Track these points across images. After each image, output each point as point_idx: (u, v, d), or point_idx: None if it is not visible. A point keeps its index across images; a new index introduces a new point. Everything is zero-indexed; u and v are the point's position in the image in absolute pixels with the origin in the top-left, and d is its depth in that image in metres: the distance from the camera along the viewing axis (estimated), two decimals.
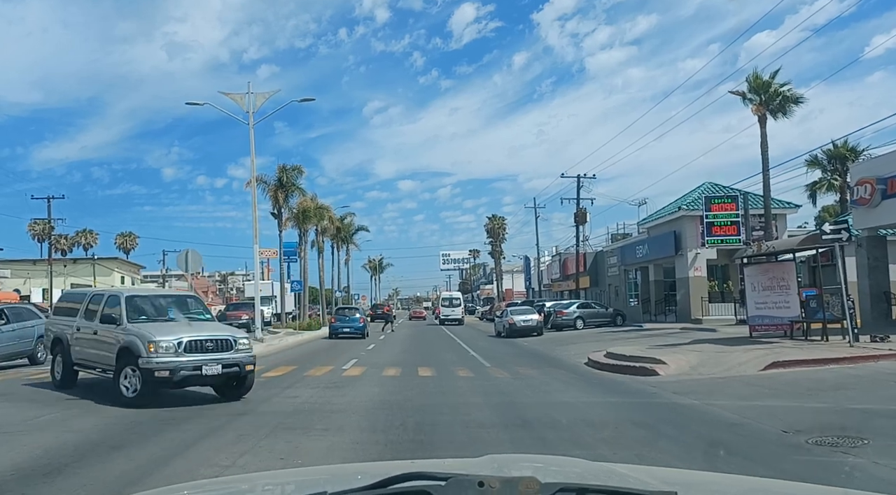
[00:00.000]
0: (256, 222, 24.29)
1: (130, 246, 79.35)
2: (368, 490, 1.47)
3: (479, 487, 1.37)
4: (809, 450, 6.89)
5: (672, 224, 33.70)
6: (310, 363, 18.11)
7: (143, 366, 9.98)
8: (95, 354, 11.29)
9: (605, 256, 46.63)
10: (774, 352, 14.50)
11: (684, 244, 32.66)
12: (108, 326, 10.98)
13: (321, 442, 7.60)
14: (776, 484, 2.17)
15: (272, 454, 6.97)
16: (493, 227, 78.07)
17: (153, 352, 9.99)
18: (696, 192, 33.90)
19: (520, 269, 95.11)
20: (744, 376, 12.83)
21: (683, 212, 32.26)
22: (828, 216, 51.53)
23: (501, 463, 2.01)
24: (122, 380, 10.19)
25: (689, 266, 32.47)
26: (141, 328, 10.56)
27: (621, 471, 2.05)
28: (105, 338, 11.06)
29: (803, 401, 10.11)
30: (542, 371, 15.64)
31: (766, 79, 27.47)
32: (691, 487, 1.82)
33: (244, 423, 8.81)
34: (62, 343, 12.16)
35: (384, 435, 7.94)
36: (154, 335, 10.22)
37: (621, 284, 43.07)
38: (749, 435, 7.85)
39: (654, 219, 36.35)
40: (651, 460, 6.46)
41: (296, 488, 1.91)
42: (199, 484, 2.78)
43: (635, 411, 9.95)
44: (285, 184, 39.01)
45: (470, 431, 8.27)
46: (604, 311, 34.46)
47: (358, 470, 2.54)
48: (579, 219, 44.75)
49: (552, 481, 1.44)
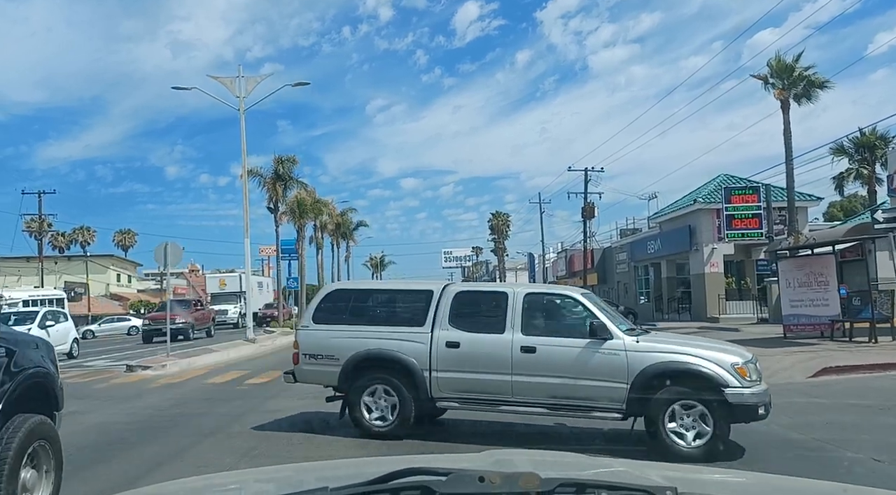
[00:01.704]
0: (247, 213, 22.70)
1: (129, 243, 77.98)
2: (369, 485, 1.45)
3: (480, 482, 1.37)
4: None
5: (687, 218, 32.05)
6: None
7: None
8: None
9: (614, 252, 45.00)
10: (821, 356, 12.91)
11: (700, 239, 31.02)
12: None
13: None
14: (775, 480, 2.13)
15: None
16: (497, 224, 76.72)
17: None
18: (711, 185, 32.26)
19: (523, 267, 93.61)
20: (793, 384, 11.23)
21: (699, 206, 30.61)
22: (838, 210, 49.88)
23: (502, 458, 1.99)
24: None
25: (704, 262, 30.83)
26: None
27: (622, 466, 2.06)
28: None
29: (877, 417, 8.53)
30: None
31: (789, 62, 25.86)
32: (691, 483, 1.79)
33: (207, 449, 7.24)
34: None
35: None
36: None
37: (631, 281, 41.45)
38: (834, 465, 6.27)
39: (667, 212, 34.66)
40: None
41: (298, 483, 1.85)
42: (204, 478, 2.53)
43: None
44: (282, 175, 37.51)
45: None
46: (614, 309, 32.69)
47: (359, 465, 2.60)
48: (587, 213, 43.12)
49: (552, 476, 1.44)
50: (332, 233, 57.87)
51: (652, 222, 38.68)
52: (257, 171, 37.50)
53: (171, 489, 2.06)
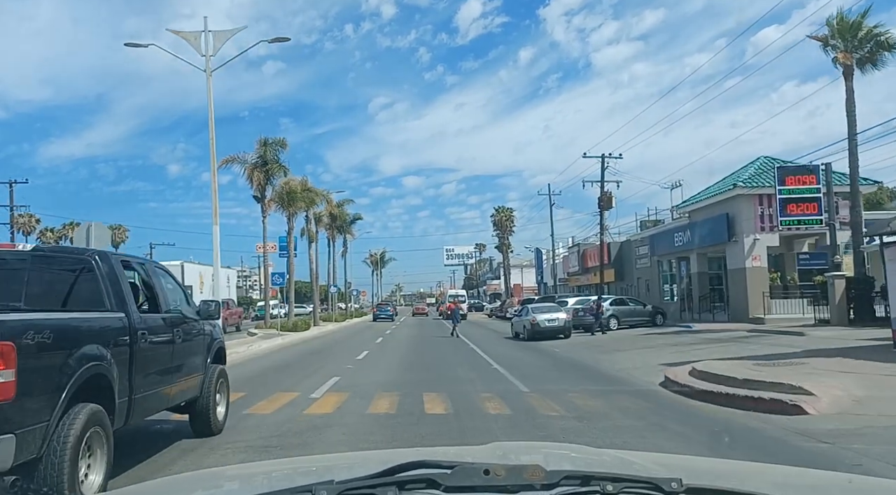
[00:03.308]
0: (216, 194, 18.83)
1: (120, 239, 75.38)
2: (375, 478, 1.44)
3: (485, 475, 1.37)
4: None
5: (724, 205, 28.31)
6: (271, 384, 12.90)
7: None
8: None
9: (633, 246, 41.27)
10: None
11: (739, 229, 27.32)
12: None
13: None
14: (779, 470, 2.09)
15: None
16: (501, 219, 72.96)
17: None
18: (752, 168, 28.56)
19: (529, 264, 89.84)
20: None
21: (739, 191, 26.89)
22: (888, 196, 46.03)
23: (507, 450, 2.00)
24: None
25: (746, 254, 27.13)
26: None
27: (626, 458, 2.07)
28: None
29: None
30: (607, 401, 10.36)
31: (856, 19, 22.14)
32: (696, 473, 1.77)
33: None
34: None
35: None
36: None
37: (653, 277, 37.72)
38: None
39: (700, 199, 30.83)
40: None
41: (303, 476, 1.89)
42: (207, 472, 2.53)
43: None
44: (268, 161, 33.79)
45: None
46: (641, 309, 28.97)
47: (364, 458, 2.65)
48: (605, 203, 39.28)
49: (557, 468, 1.45)
50: (329, 226, 54.18)
51: (678, 212, 34.91)
52: (238, 157, 33.83)
53: (179, 481, 2.15)
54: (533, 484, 1.37)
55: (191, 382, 6.93)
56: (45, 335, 4.26)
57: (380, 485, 1.40)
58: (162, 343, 6.24)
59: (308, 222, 41.15)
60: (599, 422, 8.53)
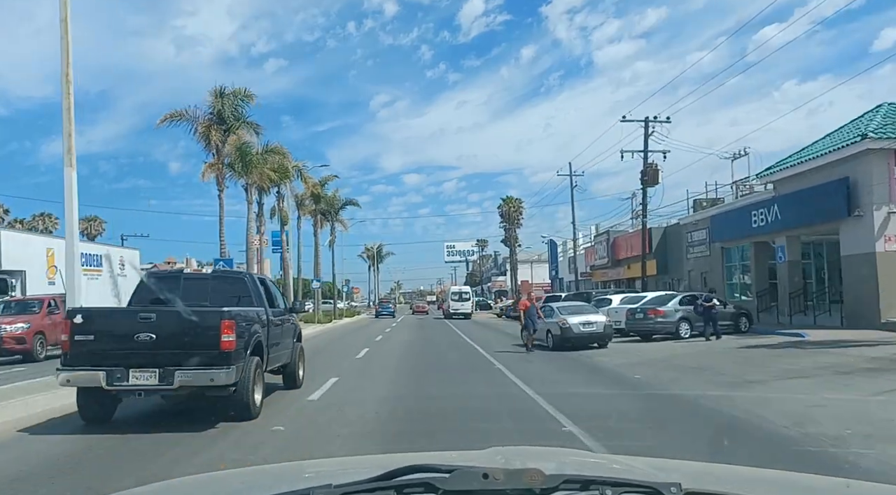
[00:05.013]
0: (71, 138, 10.96)
1: (96, 231, 68.82)
2: (373, 482, 1.41)
3: (484, 479, 1.35)
4: None
5: (840, 166, 20.63)
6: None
7: None
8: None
9: (684, 231, 33.60)
10: None
11: (866, 199, 19.73)
12: None
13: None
14: (779, 475, 2.07)
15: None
16: (508, 211, 64.99)
17: None
18: (878, 115, 20.96)
19: (538, 258, 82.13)
20: None
21: (869, 143, 19.28)
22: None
23: (506, 455, 1.90)
24: None
25: (876, 234, 19.54)
26: None
27: (626, 463, 2.05)
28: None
29: None
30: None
31: None
32: (695, 478, 1.69)
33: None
34: None
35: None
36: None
37: (714, 269, 30.09)
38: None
39: (801, 160, 22.99)
40: None
41: (301, 480, 1.84)
42: (205, 476, 2.32)
43: None
44: (225, 118, 26.10)
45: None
46: (722, 310, 21.18)
47: (362, 462, 2.65)
48: (649, 178, 31.66)
49: (557, 473, 1.42)
50: (312, 212, 46.54)
51: (760, 180, 27.13)
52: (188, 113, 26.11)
53: (177, 485, 2.08)
54: (532, 489, 1.34)
55: (287, 352, 10.86)
56: (240, 318, 8.31)
57: (378, 489, 1.39)
58: (278, 326, 10.21)
59: (280, 199, 33.45)
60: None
